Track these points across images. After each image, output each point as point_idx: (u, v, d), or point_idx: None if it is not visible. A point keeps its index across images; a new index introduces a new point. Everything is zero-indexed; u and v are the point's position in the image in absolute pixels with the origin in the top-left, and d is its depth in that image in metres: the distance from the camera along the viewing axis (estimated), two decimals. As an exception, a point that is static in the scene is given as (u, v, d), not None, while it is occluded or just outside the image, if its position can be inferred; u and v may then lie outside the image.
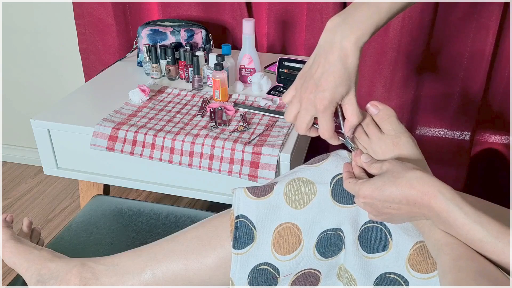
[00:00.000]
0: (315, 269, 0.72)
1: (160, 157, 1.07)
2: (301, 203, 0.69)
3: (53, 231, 1.66)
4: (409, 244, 0.66)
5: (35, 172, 1.99)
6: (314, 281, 0.73)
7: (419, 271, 0.66)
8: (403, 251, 0.66)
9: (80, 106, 1.24)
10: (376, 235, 0.68)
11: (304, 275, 0.72)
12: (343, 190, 0.69)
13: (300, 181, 0.70)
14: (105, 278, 0.76)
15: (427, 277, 0.65)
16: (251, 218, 0.70)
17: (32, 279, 0.77)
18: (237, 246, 0.70)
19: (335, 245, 0.70)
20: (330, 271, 0.72)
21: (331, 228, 0.69)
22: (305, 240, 0.69)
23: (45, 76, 1.83)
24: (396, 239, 0.67)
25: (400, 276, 0.67)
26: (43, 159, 1.19)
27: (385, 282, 0.68)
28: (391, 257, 0.67)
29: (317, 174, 0.71)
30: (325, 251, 0.70)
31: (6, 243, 0.81)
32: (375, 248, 0.68)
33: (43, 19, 1.71)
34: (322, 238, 0.69)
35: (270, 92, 1.26)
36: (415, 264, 0.66)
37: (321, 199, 0.69)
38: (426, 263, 0.65)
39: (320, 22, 1.43)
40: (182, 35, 1.40)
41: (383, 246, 0.67)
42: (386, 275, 0.68)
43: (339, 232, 0.69)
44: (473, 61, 1.37)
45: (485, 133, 1.51)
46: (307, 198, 0.69)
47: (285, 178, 0.72)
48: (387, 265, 0.68)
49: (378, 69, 1.45)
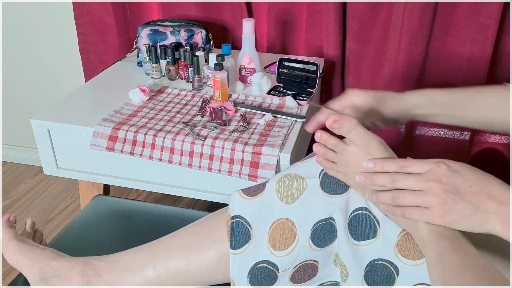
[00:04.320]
0: (313, 260, 0.72)
1: (160, 157, 1.07)
2: (293, 198, 0.71)
3: (53, 231, 1.66)
4: (396, 230, 0.67)
5: (35, 172, 1.99)
6: (312, 271, 0.73)
7: (408, 257, 0.67)
8: (391, 238, 0.67)
9: (80, 106, 1.24)
10: (364, 222, 0.69)
11: (303, 267, 0.73)
12: (332, 181, 0.70)
13: (291, 176, 0.72)
14: (107, 275, 0.76)
15: (416, 264, 0.66)
16: (246, 217, 0.71)
17: (35, 277, 0.77)
18: (234, 246, 0.71)
19: (328, 234, 0.71)
20: (327, 259, 0.73)
21: (323, 218, 0.70)
22: (299, 233, 0.70)
23: (45, 76, 1.83)
24: (383, 226, 0.68)
25: (389, 262, 0.68)
26: (43, 159, 1.19)
27: (376, 269, 0.69)
28: (380, 244, 0.68)
29: (306, 169, 0.72)
30: (320, 241, 0.71)
31: (9, 242, 0.82)
32: (364, 236, 0.69)
33: (43, 19, 1.71)
34: (316, 229, 0.70)
35: (270, 92, 1.26)
36: (403, 250, 0.67)
37: (312, 192, 0.70)
38: (414, 250, 0.66)
39: (320, 22, 1.43)
40: (182, 35, 1.40)
41: (372, 233, 0.68)
42: (376, 261, 0.69)
43: (331, 221, 0.70)
44: (473, 61, 1.37)
45: (485, 133, 1.50)
46: (298, 192, 0.71)
47: (276, 176, 0.73)
48: (377, 252, 0.68)
49: (378, 69, 1.45)
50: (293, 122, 1.13)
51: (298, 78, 1.27)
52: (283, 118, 1.15)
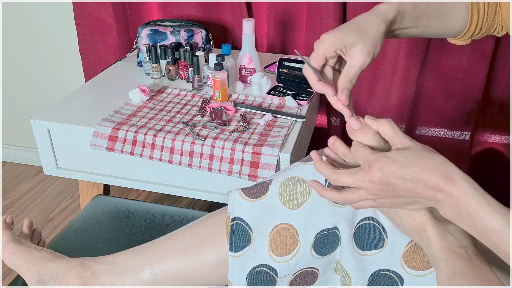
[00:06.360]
0: (313, 267, 0.72)
1: (160, 157, 1.07)
2: (297, 203, 0.69)
3: (53, 231, 1.66)
4: (404, 241, 0.66)
5: (35, 172, 1.99)
6: (312, 278, 0.73)
7: (414, 268, 0.66)
8: (398, 249, 0.66)
9: (80, 106, 1.24)
10: (371, 232, 0.68)
11: (302, 274, 0.72)
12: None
13: (295, 180, 0.70)
14: (104, 277, 0.76)
15: (422, 274, 0.65)
16: (246, 220, 0.70)
17: (32, 279, 0.77)
18: (234, 249, 0.70)
19: (331, 243, 0.70)
20: (328, 267, 0.72)
21: (327, 228, 0.69)
22: (301, 241, 0.69)
23: (45, 76, 1.83)
24: (391, 236, 0.67)
25: (394, 273, 0.67)
26: (43, 159, 1.19)
27: (380, 279, 0.68)
28: (386, 254, 0.67)
29: (311, 173, 0.70)
30: (322, 249, 0.70)
31: (7, 244, 0.81)
32: (370, 246, 0.68)
33: (43, 19, 1.71)
34: (319, 238, 0.69)
35: (270, 92, 1.26)
36: (410, 261, 0.66)
37: (317, 199, 0.69)
38: (421, 261, 0.65)
39: (320, 22, 1.43)
40: (182, 35, 1.40)
41: (378, 244, 0.67)
42: (381, 272, 0.68)
43: (335, 230, 0.69)
44: (473, 61, 1.37)
45: (485, 133, 1.51)
46: (302, 198, 0.69)
47: (279, 176, 0.71)
48: (382, 262, 0.68)
49: (378, 69, 1.45)
50: (293, 122, 1.13)
51: (298, 78, 1.27)
52: (283, 118, 1.15)
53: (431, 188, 0.54)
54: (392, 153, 0.56)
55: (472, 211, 0.53)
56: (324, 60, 0.66)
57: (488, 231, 0.53)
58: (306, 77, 0.67)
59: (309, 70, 0.65)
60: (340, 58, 0.67)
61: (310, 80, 0.66)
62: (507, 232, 0.51)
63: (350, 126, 0.62)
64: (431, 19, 0.74)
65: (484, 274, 0.56)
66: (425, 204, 0.58)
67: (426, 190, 0.55)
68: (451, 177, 0.54)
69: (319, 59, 0.66)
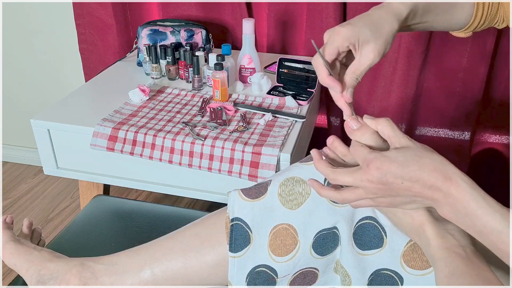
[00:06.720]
0: (313, 268, 0.72)
1: (160, 157, 1.07)
2: (296, 203, 0.69)
3: (53, 231, 1.66)
4: (403, 241, 0.66)
5: (35, 172, 1.99)
6: (312, 278, 0.73)
7: (413, 267, 0.66)
8: (397, 248, 0.66)
9: (80, 106, 1.24)
10: (370, 232, 0.68)
11: (302, 274, 0.72)
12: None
13: (294, 180, 0.70)
14: (104, 277, 0.76)
15: (422, 274, 0.65)
16: (246, 220, 0.70)
17: (32, 280, 0.77)
18: (234, 249, 0.70)
19: (331, 243, 0.70)
20: (328, 267, 0.72)
21: (327, 227, 0.69)
22: (301, 241, 0.69)
23: (45, 76, 1.83)
24: (390, 236, 0.67)
25: (394, 272, 0.67)
26: (43, 159, 1.19)
27: (380, 279, 0.68)
28: (386, 254, 0.67)
29: (310, 174, 0.70)
30: (322, 249, 0.70)
31: (6, 244, 0.81)
32: (370, 245, 0.68)
33: (43, 19, 1.71)
34: (318, 238, 0.69)
35: (270, 92, 1.26)
36: (409, 260, 0.66)
37: (316, 199, 0.69)
38: (420, 260, 0.65)
39: (320, 22, 1.43)
40: (182, 35, 1.40)
41: (378, 243, 0.67)
42: (381, 271, 0.68)
43: (334, 230, 0.70)
44: (473, 61, 1.37)
45: (485, 133, 1.51)
46: (301, 198, 0.69)
47: (279, 176, 0.71)
48: (382, 262, 0.68)
49: (378, 69, 1.44)
50: (293, 122, 1.13)
51: (298, 78, 1.27)
52: (283, 118, 1.15)
53: (430, 187, 0.54)
54: (391, 152, 0.56)
55: (470, 211, 0.53)
56: (337, 54, 0.65)
57: (486, 230, 0.52)
58: (316, 70, 0.65)
59: (321, 63, 0.64)
60: (349, 52, 0.66)
61: (320, 74, 0.65)
62: (506, 232, 0.51)
63: (348, 126, 0.62)
64: (440, 14, 0.74)
65: (483, 273, 0.56)
66: (423, 204, 0.58)
67: (425, 190, 0.55)
68: (449, 177, 0.53)
69: (333, 52, 0.65)
